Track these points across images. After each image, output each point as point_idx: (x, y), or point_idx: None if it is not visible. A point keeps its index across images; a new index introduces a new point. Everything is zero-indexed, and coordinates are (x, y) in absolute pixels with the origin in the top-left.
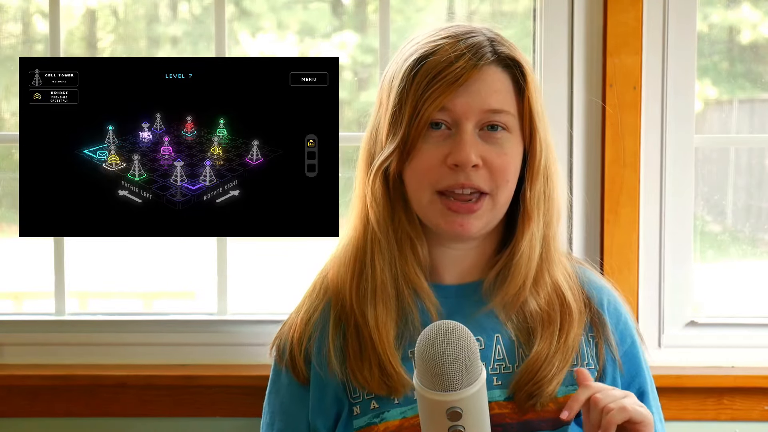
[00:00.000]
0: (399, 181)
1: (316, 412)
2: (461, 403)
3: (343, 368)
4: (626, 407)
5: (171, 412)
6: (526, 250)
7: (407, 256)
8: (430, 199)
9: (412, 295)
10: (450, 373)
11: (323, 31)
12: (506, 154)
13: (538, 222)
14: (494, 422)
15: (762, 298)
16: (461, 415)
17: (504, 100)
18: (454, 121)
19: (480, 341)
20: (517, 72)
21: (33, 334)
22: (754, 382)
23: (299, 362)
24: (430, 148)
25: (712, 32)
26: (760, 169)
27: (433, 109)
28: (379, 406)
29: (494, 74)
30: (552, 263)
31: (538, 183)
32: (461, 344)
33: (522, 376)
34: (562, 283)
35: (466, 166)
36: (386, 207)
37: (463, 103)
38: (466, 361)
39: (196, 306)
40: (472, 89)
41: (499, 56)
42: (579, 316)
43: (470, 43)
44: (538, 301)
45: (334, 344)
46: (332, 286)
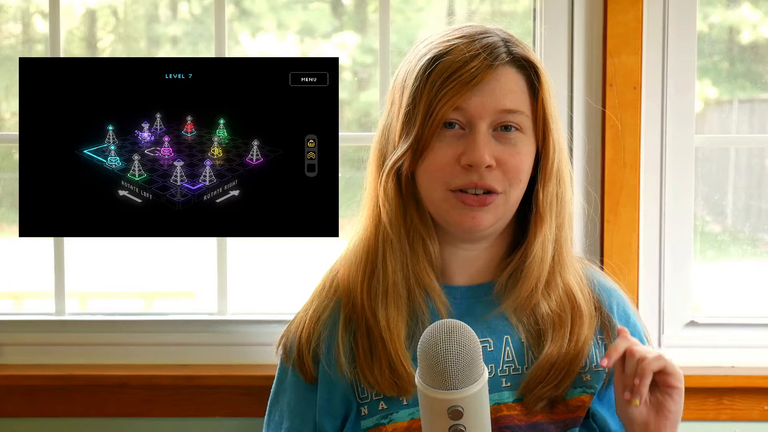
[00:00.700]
0: (411, 180)
1: (323, 413)
2: (463, 402)
3: (352, 368)
4: (662, 356)
5: (171, 412)
6: (538, 252)
7: (419, 256)
8: (444, 197)
9: (423, 295)
10: (452, 372)
11: (323, 31)
12: (519, 154)
13: (550, 224)
14: (503, 424)
15: (762, 298)
16: (462, 414)
17: (518, 100)
18: (468, 121)
19: (489, 343)
20: (532, 73)
21: (33, 334)
22: (754, 382)
23: (307, 361)
24: (444, 148)
25: (712, 32)
26: (760, 169)
27: (447, 108)
28: (387, 407)
29: (509, 74)
30: (564, 266)
31: (551, 184)
32: (464, 343)
33: (532, 378)
34: (573, 286)
35: (479, 167)
36: (398, 206)
37: (477, 103)
38: (469, 360)
39: (196, 306)
40: (487, 89)
41: (514, 57)
42: (590, 319)
43: (485, 44)
44: (549, 304)
45: (343, 344)
46: (343, 285)
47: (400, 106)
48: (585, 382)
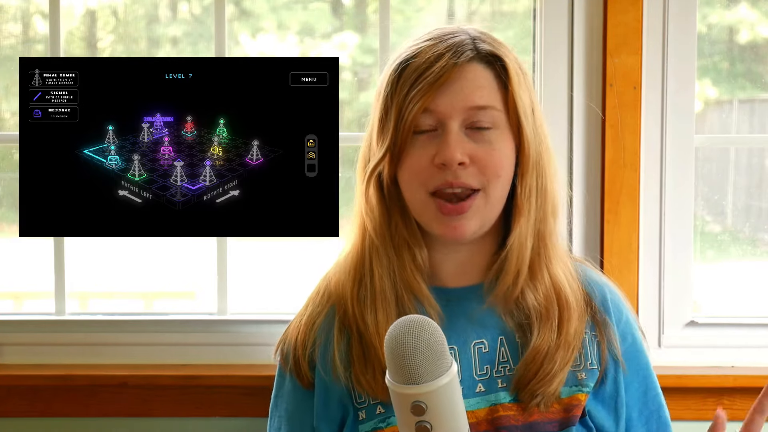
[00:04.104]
0: (394, 186)
1: (320, 418)
2: (424, 398)
3: (348, 374)
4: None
5: (171, 412)
6: (516, 244)
7: (405, 261)
8: (424, 201)
9: (413, 300)
10: (411, 366)
11: (323, 31)
12: (495, 150)
13: (528, 216)
14: (500, 425)
15: (762, 298)
16: (425, 410)
17: (488, 96)
18: (439, 121)
19: (484, 344)
20: (498, 67)
21: (33, 334)
22: (754, 382)
23: (303, 367)
24: (418, 151)
25: (711, 32)
26: (760, 169)
27: (417, 111)
28: (384, 411)
29: (476, 71)
30: (550, 259)
31: (528, 177)
32: (423, 337)
33: (524, 373)
34: (561, 279)
35: (452, 165)
36: (382, 213)
37: (445, 103)
38: (429, 354)
39: (196, 306)
40: (454, 88)
41: (480, 53)
42: (579, 314)
43: (450, 43)
44: (535, 296)
45: (339, 350)
46: (335, 292)
47: (377, 112)
48: (580, 381)
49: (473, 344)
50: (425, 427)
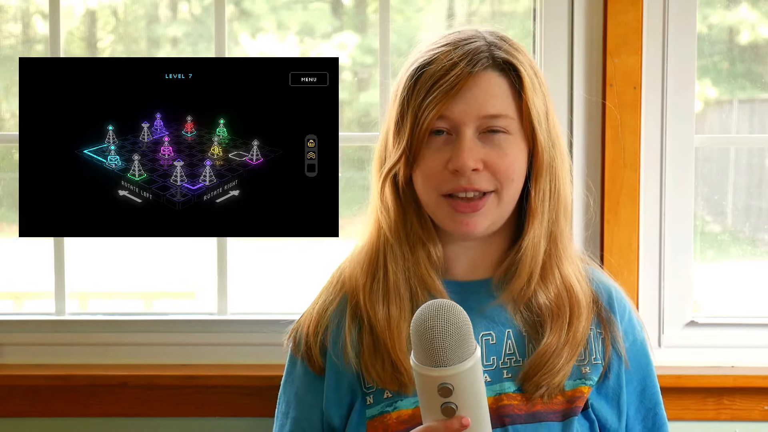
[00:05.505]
0: (410, 185)
1: (331, 401)
2: (451, 380)
3: (358, 360)
4: None
5: (171, 412)
6: (529, 246)
7: (420, 258)
8: (437, 202)
9: (427, 295)
10: (440, 349)
11: (323, 31)
12: (507, 155)
13: (542, 219)
14: (503, 413)
15: (762, 298)
16: (452, 391)
17: (502, 104)
18: (454, 127)
19: (492, 336)
20: (513, 76)
21: (33, 334)
22: (754, 382)
23: (315, 352)
24: (433, 154)
25: (711, 32)
26: (760, 169)
27: (432, 117)
28: (392, 395)
29: (490, 79)
30: (561, 259)
31: (542, 181)
32: (451, 320)
33: (531, 367)
34: (572, 278)
35: (465, 172)
36: (398, 212)
37: (460, 111)
38: (457, 337)
39: (196, 306)
40: (469, 96)
41: (495, 61)
42: (587, 311)
43: (467, 50)
44: (547, 295)
45: (350, 335)
46: (349, 283)
47: (393, 114)
48: (584, 375)
49: (481, 335)
50: (451, 408)
